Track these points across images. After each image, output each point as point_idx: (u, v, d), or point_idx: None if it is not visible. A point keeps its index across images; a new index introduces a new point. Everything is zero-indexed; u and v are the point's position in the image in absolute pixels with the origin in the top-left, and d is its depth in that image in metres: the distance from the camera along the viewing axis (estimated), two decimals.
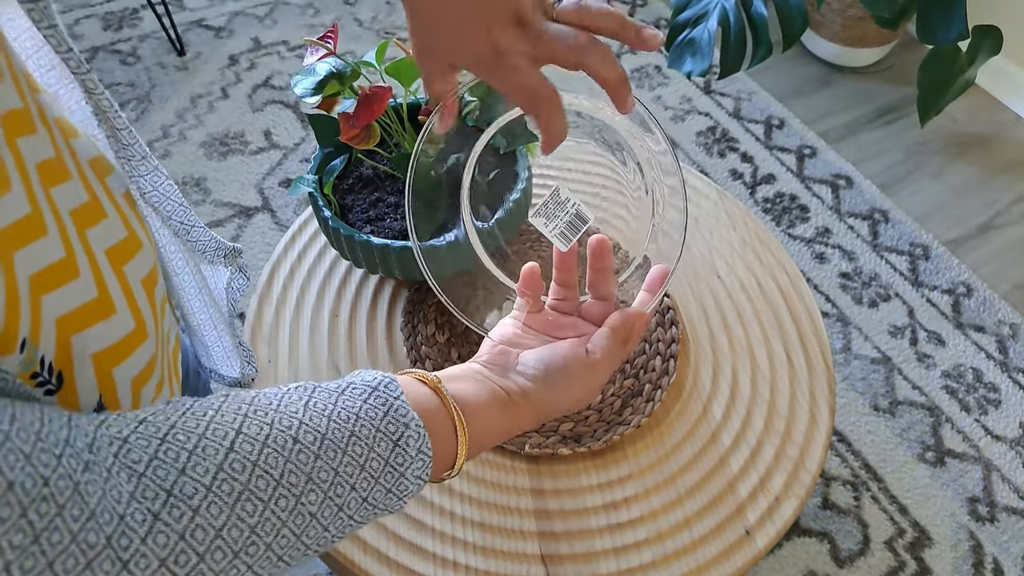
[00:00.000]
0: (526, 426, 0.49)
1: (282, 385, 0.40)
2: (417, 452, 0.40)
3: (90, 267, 0.36)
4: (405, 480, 0.39)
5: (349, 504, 0.37)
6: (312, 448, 0.36)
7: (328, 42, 0.74)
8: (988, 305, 1.50)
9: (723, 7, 1.24)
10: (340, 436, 0.37)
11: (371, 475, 0.38)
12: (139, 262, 0.41)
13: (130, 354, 0.39)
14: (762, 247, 0.93)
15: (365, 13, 2.01)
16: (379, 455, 0.38)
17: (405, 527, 0.71)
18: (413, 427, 0.40)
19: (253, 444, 0.34)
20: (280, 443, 0.35)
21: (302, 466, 0.35)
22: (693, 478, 0.75)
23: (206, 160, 1.66)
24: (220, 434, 0.34)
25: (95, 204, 0.38)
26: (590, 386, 0.50)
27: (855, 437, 1.32)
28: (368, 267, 0.80)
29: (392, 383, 0.41)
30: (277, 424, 0.36)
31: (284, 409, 0.37)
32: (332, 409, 0.38)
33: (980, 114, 1.86)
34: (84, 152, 0.40)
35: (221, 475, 0.33)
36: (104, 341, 0.37)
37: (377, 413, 0.39)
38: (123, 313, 0.38)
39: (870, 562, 1.19)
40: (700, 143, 1.76)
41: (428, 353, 0.82)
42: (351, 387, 0.40)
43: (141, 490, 0.31)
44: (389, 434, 0.39)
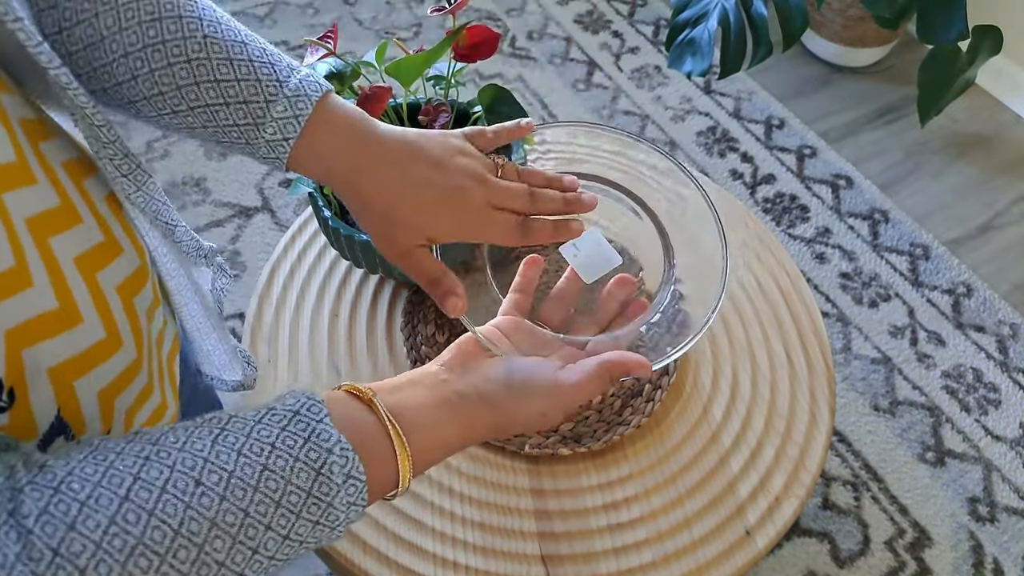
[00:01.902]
0: (482, 432, 0.46)
1: (200, 417, 0.37)
2: (346, 478, 0.37)
3: (48, 275, 0.34)
4: (334, 510, 0.37)
5: (266, 545, 0.34)
6: (217, 489, 0.33)
7: (328, 42, 0.74)
8: (988, 305, 1.50)
9: (723, 7, 1.24)
10: (250, 472, 0.34)
11: (290, 510, 0.35)
12: (116, 268, 0.39)
13: (97, 365, 0.37)
14: (762, 247, 0.93)
15: (365, 13, 2.01)
16: (298, 487, 0.35)
17: (405, 527, 0.71)
18: (338, 451, 0.37)
19: (151, 491, 0.32)
20: (180, 487, 0.33)
21: (204, 511, 0.33)
22: (693, 478, 0.75)
23: (206, 160, 1.66)
24: (116, 481, 0.32)
25: (67, 209, 0.37)
26: (555, 405, 0.47)
27: (855, 437, 1.32)
28: (368, 267, 0.80)
29: (315, 405, 0.38)
30: (179, 466, 0.33)
31: (190, 448, 0.34)
32: (244, 442, 0.35)
33: (980, 114, 1.86)
34: (59, 154, 0.38)
35: (112, 529, 0.30)
36: (65, 353, 0.35)
37: (296, 441, 0.36)
38: (91, 322, 0.36)
39: (870, 562, 1.19)
40: (700, 143, 1.76)
41: (428, 353, 0.82)
42: (271, 414, 0.37)
43: (27, 550, 0.29)
44: (310, 462, 0.36)
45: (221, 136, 0.45)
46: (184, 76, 0.44)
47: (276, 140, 0.45)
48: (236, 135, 0.45)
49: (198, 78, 0.44)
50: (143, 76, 0.43)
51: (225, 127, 0.45)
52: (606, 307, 0.55)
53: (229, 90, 0.44)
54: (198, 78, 0.44)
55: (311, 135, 0.45)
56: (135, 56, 0.43)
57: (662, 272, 0.61)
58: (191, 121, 0.45)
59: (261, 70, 0.45)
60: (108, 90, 0.45)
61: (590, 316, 0.55)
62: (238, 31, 0.46)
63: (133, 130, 1.70)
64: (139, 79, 0.44)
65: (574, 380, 0.47)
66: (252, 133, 0.45)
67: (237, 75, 0.44)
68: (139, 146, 1.67)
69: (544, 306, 0.56)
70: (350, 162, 0.46)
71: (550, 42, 1.96)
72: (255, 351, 0.83)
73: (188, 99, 0.44)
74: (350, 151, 0.46)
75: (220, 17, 0.46)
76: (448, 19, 0.74)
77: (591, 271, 0.56)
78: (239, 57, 0.44)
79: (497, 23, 2.00)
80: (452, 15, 0.73)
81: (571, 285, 0.56)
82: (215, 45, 0.44)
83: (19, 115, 0.36)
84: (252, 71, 0.44)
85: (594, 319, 0.55)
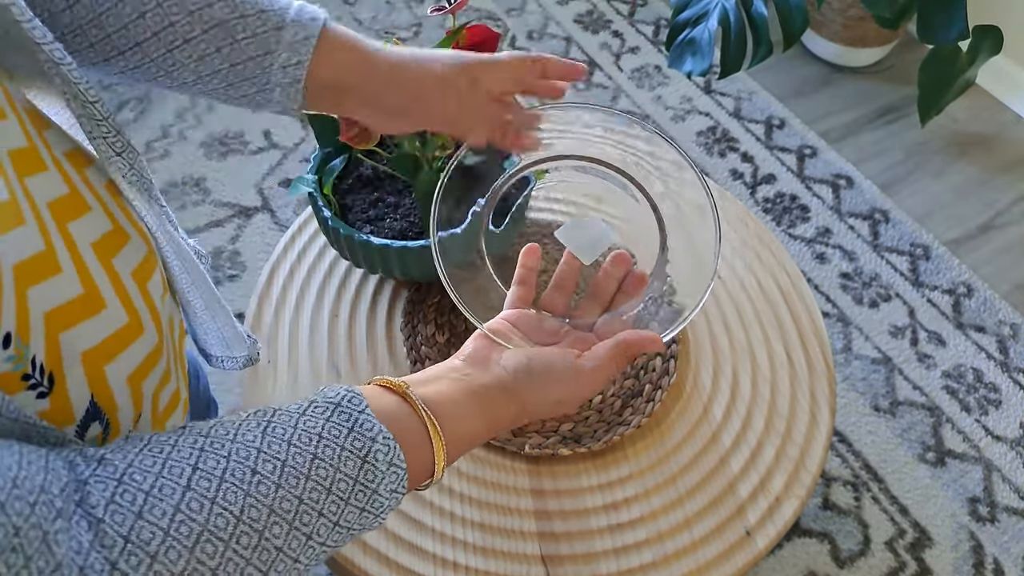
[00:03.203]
0: (506, 423, 0.48)
1: (243, 412, 0.38)
2: (389, 466, 0.38)
3: (72, 261, 0.35)
4: (379, 496, 0.38)
5: (319, 531, 0.36)
6: (272, 478, 0.35)
7: None
8: (989, 305, 1.50)
9: (723, 7, 1.24)
10: (302, 461, 0.36)
11: (340, 497, 0.36)
12: (128, 254, 0.40)
13: (123, 350, 0.38)
14: (762, 247, 0.93)
15: (365, 13, 2.01)
16: (347, 475, 0.37)
17: (405, 527, 0.71)
18: (381, 440, 0.38)
19: (211, 480, 0.33)
20: (239, 476, 0.34)
21: (263, 498, 0.34)
22: (693, 479, 0.75)
23: (206, 160, 1.66)
24: (176, 472, 0.33)
25: (76, 197, 0.37)
26: (574, 391, 0.49)
27: (855, 437, 1.32)
28: (368, 267, 0.80)
29: (356, 397, 0.39)
30: (235, 456, 0.34)
31: (241, 439, 0.35)
32: (292, 433, 0.37)
33: (981, 114, 1.86)
34: (60, 144, 0.39)
35: (179, 516, 0.32)
36: (94, 338, 0.36)
37: (341, 431, 0.37)
38: (114, 308, 0.37)
39: (870, 562, 1.19)
40: (700, 143, 1.76)
41: (428, 353, 0.82)
42: (313, 406, 0.38)
43: (100, 538, 0.30)
44: (356, 451, 0.37)
45: (233, 77, 0.47)
46: (189, 28, 0.46)
47: (290, 65, 0.47)
48: (250, 70, 0.47)
49: (201, 53, 0.46)
50: (150, 40, 0.45)
51: (237, 65, 0.47)
52: (605, 287, 0.57)
53: (237, 26, 0.46)
54: (201, 53, 0.46)
55: (323, 53, 0.48)
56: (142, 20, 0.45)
57: (658, 247, 0.61)
58: (201, 69, 0.47)
59: (256, 25, 0.47)
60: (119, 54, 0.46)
61: (592, 298, 0.57)
62: None
63: (133, 131, 1.70)
64: (146, 43, 0.46)
65: (592, 366, 0.49)
66: (266, 61, 0.47)
67: (242, 11, 0.46)
68: (138, 146, 1.67)
69: (546, 294, 0.57)
70: (361, 75, 0.50)
71: (550, 42, 1.96)
72: None
73: (199, 48, 0.46)
74: (360, 65, 0.50)
75: None
76: (448, 19, 0.74)
77: (589, 252, 0.57)
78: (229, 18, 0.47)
79: (497, 23, 2.00)
80: (452, 15, 0.73)
81: (570, 270, 0.57)
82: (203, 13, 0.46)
83: (22, 102, 0.36)
84: (247, 27, 0.47)
85: (596, 300, 0.57)
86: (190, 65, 0.47)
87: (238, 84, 0.48)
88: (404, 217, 0.80)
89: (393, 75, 0.52)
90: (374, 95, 0.52)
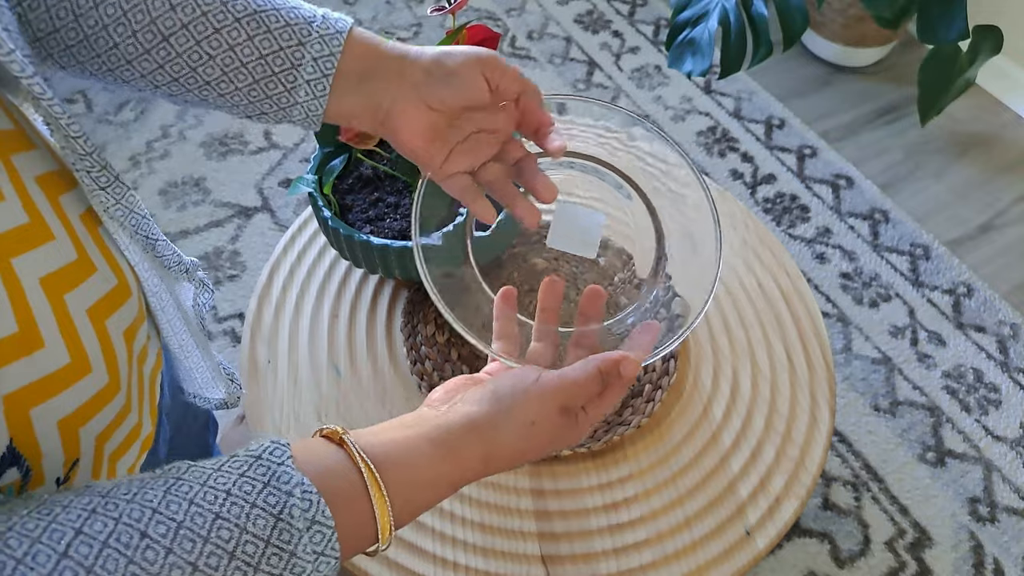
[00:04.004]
0: (472, 465, 0.42)
1: (161, 468, 0.35)
2: (310, 524, 0.34)
3: (8, 299, 0.33)
4: (298, 560, 0.33)
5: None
6: (163, 542, 0.31)
7: None
8: (989, 305, 1.50)
9: (723, 7, 1.24)
10: (201, 522, 0.32)
11: (246, 562, 0.32)
12: (88, 288, 0.38)
13: (60, 392, 0.36)
14: (762, 247, 0.93)
15: (365, 13, 2.01)
16: (255, 535, 0.33)
17: (405, 528, 0.71)
18: (298, 494, 0.34)
19: (91, 545, 0.30)
20: (123, 541, 0.31)
21: (148, 566, 0.31)
22: (693, 479, 0.75)
23: (206, 160, 1.66)
24: (57, 536, 0.30)
25: (36, 226, 0.35)
26: (543, 410, 0.44)
27: (855, 437, 1.32)
28: (368, 267, 0.80)
29: (279, 448, 0.35)
30: (125, 518, 0.31)
31: (140, 499, 0.32)
32: (197, 491, 0.33)
33: (981, 114, 1.86)
34: (33, 168, 0.37)
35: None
36: (22, 379, 0.33)
37: (254, 486, 0.34)
38: (54, 347, 0.35)
39: (870, 562, 1.19)
40: (700, 143, 1.76)
41: (428, 353, 0.82)
42: (232, 460, 0.35)
43: None
44: (268, 507, 0.33)
45: (261, 71, 0.46)
46: (217, 45, 0.45)
47: (316, 78, 0.46)
48: (274, 86, 0.46)
49: (232, 42, 0.45)
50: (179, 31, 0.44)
51: (267, 56, 0.46)
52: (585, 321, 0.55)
53: (263, 43, 0.46)
54: (232, 42, 0.45)
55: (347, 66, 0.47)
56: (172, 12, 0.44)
57: (653, 260, 0.60)
58: (224, 87, 0.46)
59: (289, 15, 0.46)
60: (130, 64, 0.45)
61: (577, 347, 0.54)
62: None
63: (133, 131, 1.70)
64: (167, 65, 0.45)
65: (557, 375, 0.45)
66: (291, 76, 0.46)
67: (274, 4, 0.46)
68: (139, 145, 1.67)
69: (530, 352, 0.54)
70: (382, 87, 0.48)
71: (550, 42, 1.96)
72: (254, 351, 0.83)
73: (222, 64, 0.45)
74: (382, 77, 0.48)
75: None
76: (448, 19, 0.74)
77: (589, 247, 0.55)
78: (263, 8, 0.46)
79: (497, 23, 2.00)
80: (452, 15, 0.73)
81: (548, 323, 0.55)
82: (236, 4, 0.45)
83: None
84: (280, 18, 0.46)
85: (583, 345, 0.54)
86: (218, 58, 0.45)
87: (265, 81, 0.47)
88: (404, 217, 0.80)
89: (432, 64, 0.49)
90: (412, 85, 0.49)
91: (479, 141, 0.52)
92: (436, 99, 0.49)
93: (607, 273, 0.78)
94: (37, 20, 0.44)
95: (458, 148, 0.51)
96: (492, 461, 0.43)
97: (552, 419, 0.44)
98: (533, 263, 0.68)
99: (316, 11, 0.47)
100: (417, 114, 0.49)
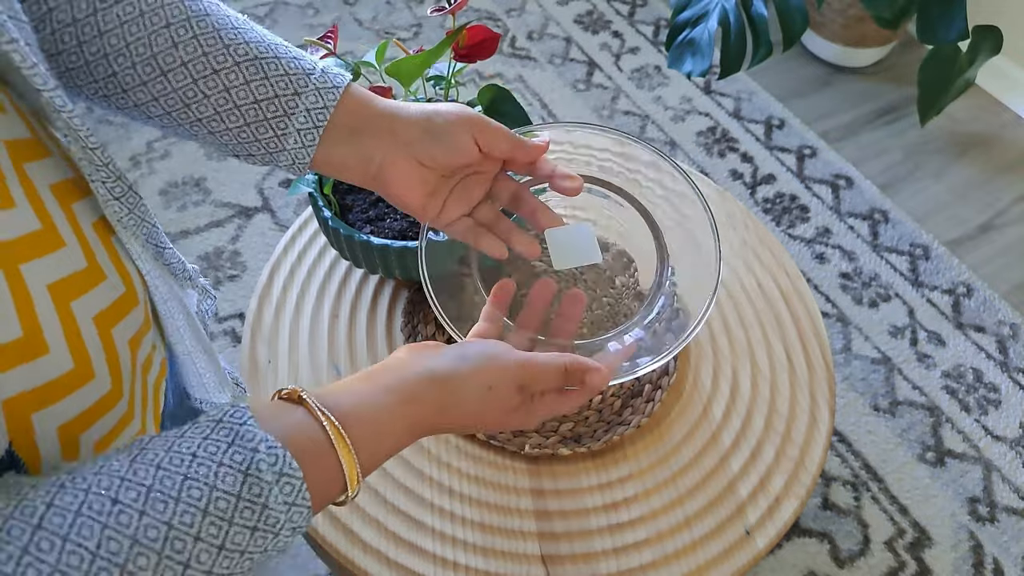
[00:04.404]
0: (428, 412, 0.44)
1: (128, 443, 0.36)
2: (278, 476, 0.35)
3: (14, 304, 0.33)
4: (271, 512, 0.35)
5: (199, 558, 0.33)
6: (135, 506, 0.32)
7: (328, 42, 0.74)
8: (988, 305, 1.50)
9: (723, 7, 1.24)
10: (170, 484, 0.33)
11: (220, 517, 0.33)
12: (96, 296, 0.38)
13: (62, 398, 0.36)
14: (762, 247, 0.93)
15: (365, 13, 2.01)
16: (225, 492, 0.34)
17: (405, 527, 0.71)
18: (263, 449, 0.35)
19: (64, 516, 0.31)
20: (96, 508, 0.31)
21: (122, 528, 0.31)
22: (693, 478, 0.75)
23: (206, 160, 1.66)
24: (28, 512, 0.30)
25: (47, 233, 0.36)
26: (504, 378, 0.46)
27: (855, 437, 1.32)
28: (368, 267, 0.80)
29: (239, 411, 0.37)
30: (95, 488, 0.32)
31: (106, 470, 0.33)
32: (163, 457, 0.34)
33: (980, 114, 1.86)
34: (47, 176, 0.37)
35: (26, 559, 0.29)
36: (24, 384, 0.34)
37: (219, 447, 0.35)
38: (58, 353, 0.35)
39: (870, 562, 1.19)
40: (700, 143, 1.76)
41: None
42: (193, 427, 0.36)
43: None
44: (235, 464, 0.34)
45: (254, 115, 0.47)
46: (213, 85, 0.46)
47: (307, 128, 0.47)
48: (264, 131, 0.47)
49: (228, 84, 0.46)
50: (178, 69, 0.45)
51: (261, 101, 0.47)
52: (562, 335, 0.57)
53: (259, 88, 0.46)
54: (228, 84, 0.46)
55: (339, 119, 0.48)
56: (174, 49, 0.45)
57: (655, 272, 0.61)
58: (215, 126, 0.47)
59: (288, 65, 0.47)
60: (126, 93, 0.46)
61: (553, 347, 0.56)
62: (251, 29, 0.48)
63: (133, 131, 1.70)
64: (162, 99, 0.46)
65: (524, 355, 0.47)
66: (283, 124, 0.47)
67: (276, 52, 0.47)
68: (139, 146, 1.67)
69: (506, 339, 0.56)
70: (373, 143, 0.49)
71: (550, 42, 1.96)
72: (254, 351, 0.83)
73: (216, 104, 0.46)
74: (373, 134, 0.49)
75: (228, 14, 0.48)
76: (448, 19, 0.74)
77: (563, 259, 0.57)
78: (265, 55, 0.47)
79: (497, 23, 2.00)
80: (452, 15, 0.73)
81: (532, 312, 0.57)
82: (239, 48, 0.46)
83: (7, 136, 0.35)
84: (280, 66, 0.47)
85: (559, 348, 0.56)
86: (212, 97, 0.46)
87: (256, 125, 0.48)
88: (404, 217, 0.80)
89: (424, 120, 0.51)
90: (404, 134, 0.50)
91: (469, 184, 0.54)
92: (427, 156, 0.50)
93: (608, 275, 0.78)
94: (41, 41, 0.44)
95: (451, 197, 0.53)
96: (447, 413, 0.45)
97: (509, 391, 0.46)
98: (532, 266, 0.68)
99: (316, 64, 0.48)
100: (409, 170, 0.50)
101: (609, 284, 0.77)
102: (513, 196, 0.56)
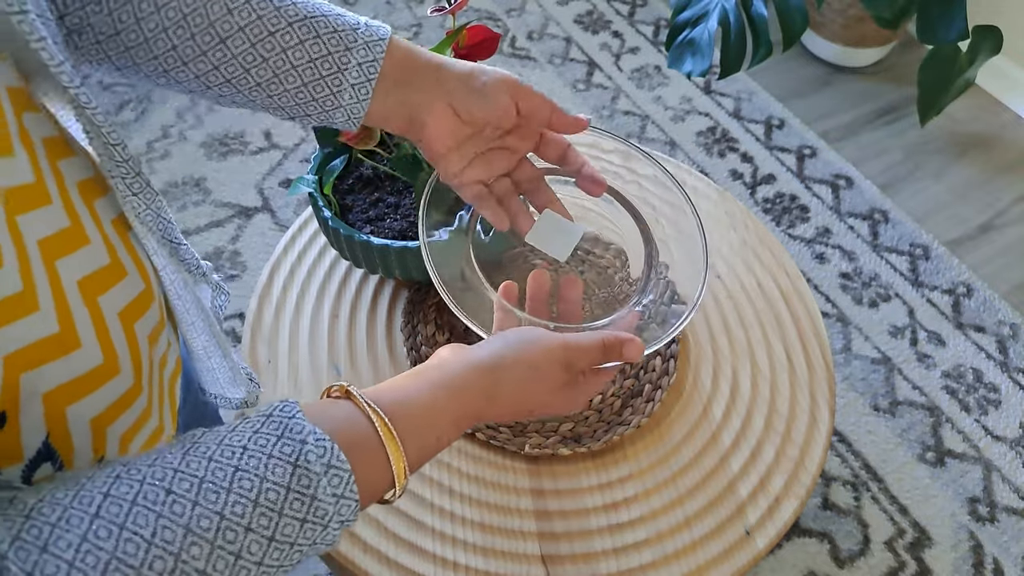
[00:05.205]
0: (474, 401, 0.44)
1: (180, 437, 0.36)
2: (327, 468, 0.35)
3: (52, 300, 0.34)
4: (320, 504, 0.35)
5: (249, 548, 0.33)
6: (188, 496, 0.33)
7: None
8: (988, 305, 1.50)
9: (723, 7, 1.24)
10: (222, 475, 0.34)
11: (270, 508, 0.34)
12: (119, 292, 0.39)
13: (93, 391, 0.37)
14: (762, 247, 0.93)
15: (365, 13, 2.01)
16: (275, 483, 0.34)
17: (405, 527, 0.71)
18: (312, 441, 0.36)
19: (121, 505, 0.31)
20: (151, 499, 0.32)
21: (176, 518, 0.32)
22: (693, 478, 0.75)
23: (206, 160, 1.66)
24: (87, 501, 0.31)
25: (76, 230, 0.36)
26: (549, 358, 0.46)
27: (855, 437, 1.32)
28: (368, 267, 0.80)
29: (288, 405, 0.37)
30: (149, 479, 0.33)
31: (160, 462, 0.34)
32: (215, 449, 0.35)
33: (980, 114, 1.86)
34: (75, 174, 0.38)
35: (85, 546, 0.30)
36: (60, 378, 0.35)
37: (269, 439, 0.35)
38: (89, 348, 0.36)
39: (870, 562, 1.19)
40: (700, 143, 1.76)
41: (428, 353, 0.82)
42: (244, 421, 0.37)
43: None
44: (284, 456, 0.35)
45: (310, 74, 0.48)
46: (271, 47, 0.47)
47: (360, 82, 0.48)
48: (321, 89, 0.48)
49: (285, 45, 0.47)
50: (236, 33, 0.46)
51: (311, 83, 0.48)
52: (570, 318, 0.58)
53: (313, 47, 0.47)
54: (285, 45, 0.47)
55: (387, 71, 0.49)
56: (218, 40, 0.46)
57: (643, 259, 0.62)
58: (274, 88, 0.48)
59: (336, 21, 0.48)
60: (186, 65, 0.47)
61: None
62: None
63: (134, 131, 1.70)
64: (222, 67, 0.47)
65: (563, 336, 0.48)
66: (337, 80, 0.48)
67: (323, 10, 0.48)
68: (139, 146, 1.67)
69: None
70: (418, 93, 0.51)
71: (550, 42, 1.96)
72: (255, 351, 0.83)
73: (275, 66, 0.47)
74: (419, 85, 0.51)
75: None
76: (448, 19, 0.74)
77: (561, 250, 0.58)
78: (313, 14, 0.48)
79: (497, 23, 2.00)
80: (452, 15, 0.73)
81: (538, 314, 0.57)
82: (288, 9, 0.47)
83: (42, 134, 0.36)
84: (328, 23, 0.48)
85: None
86: (271, 60, 0.47)
87: (313, 84, 0.48)
88: (404, 217, 0.80)
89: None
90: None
91: (496, 156, 0.55)
92: (464, 110, 0.51)
93: (607, 273, 0.78)
94: (100, 23, 0.45)
95: (477, 159, 0.54)
96: (494, 400, 0.45)
97: (554, 370, 0.47)
98: (532, 264, 0.68)
99: (359, 19, 0.49)
100: (444, 117, 0.51)
101: (608, 280, 0.77)
102: (531, 182, 0.58)
